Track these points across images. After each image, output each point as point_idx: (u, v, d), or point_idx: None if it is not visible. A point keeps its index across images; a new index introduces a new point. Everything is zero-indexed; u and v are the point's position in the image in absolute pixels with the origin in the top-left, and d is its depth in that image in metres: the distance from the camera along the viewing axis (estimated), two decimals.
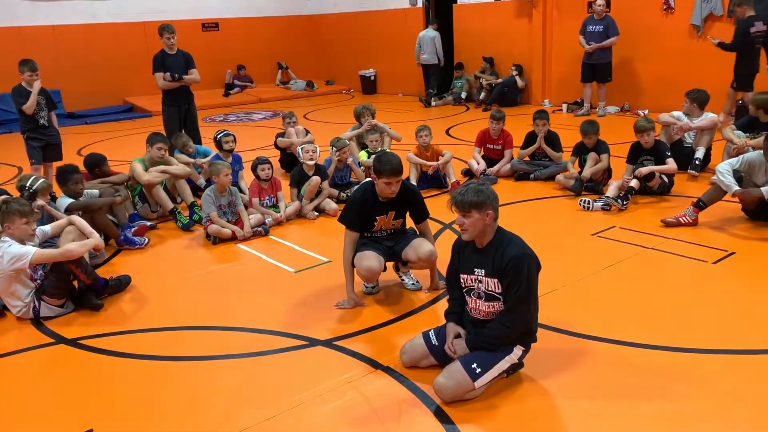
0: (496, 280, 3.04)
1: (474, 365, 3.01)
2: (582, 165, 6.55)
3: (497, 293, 3.06)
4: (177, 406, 3.17)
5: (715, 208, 5.35)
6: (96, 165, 6.09)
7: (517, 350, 3.10)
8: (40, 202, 4.97)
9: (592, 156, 6.41)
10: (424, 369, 3.30)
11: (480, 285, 3.10)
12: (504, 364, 3.07)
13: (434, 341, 3.26)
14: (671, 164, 5.99)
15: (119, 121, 13.40)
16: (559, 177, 6.65)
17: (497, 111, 7.27)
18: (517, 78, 12.33)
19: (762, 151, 5.12)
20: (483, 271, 3.08)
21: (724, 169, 5.10)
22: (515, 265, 2.96)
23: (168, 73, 7.62)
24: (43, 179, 5.24)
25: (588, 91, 10.99)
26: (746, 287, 4.22)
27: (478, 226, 3.01)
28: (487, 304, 3.10)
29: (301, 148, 6.28)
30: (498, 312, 3.09)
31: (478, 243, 3.10)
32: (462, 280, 3.19)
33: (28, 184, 5.05)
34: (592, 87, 10.93)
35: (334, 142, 6.58)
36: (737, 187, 5.02)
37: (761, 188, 4.96)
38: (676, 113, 6.95)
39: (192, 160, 6.87)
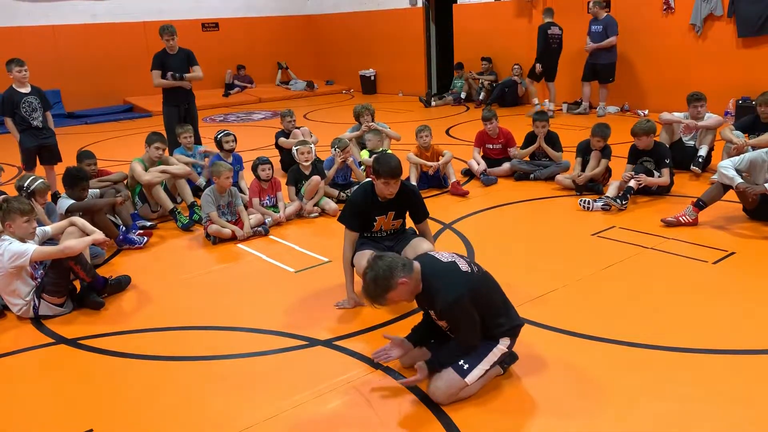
0: (443, 322, 3.11)
1: (461, 362, 3.02)
2: (585, 165, 6.51)
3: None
4: (177, 406, 3.17)
5: (715, 208, 5.35)
6: (79, 161, 6.06)
7: (504, 340, 3.11)
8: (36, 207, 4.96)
9: (595, 155, 6.39)
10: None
11: (440, 322, 3.16)
12: (492, 357, 3.07)
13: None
14: (665, 177, 6.02)
15: (119, 121, 13.41)
16: (559, 177, 6.65)
17: (487, 111, 7.23)
18: (517, 79, 12.31)
19: (763, 151, 5.12)
20: (432, 312, 3.14)
21: (726, 165, 5.11)
22: (449, 315, 3.02)
23: (169, 73, 7.62)
24: (41, 180, 5.24)
25: (587, 90, 10.99)
26: (746, 287, 4.22)
27: (403, 297, 3.03)
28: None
29: (296, 149, 6.28)
30: None
31: None
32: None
33: (26, 185, 5.06)
34: (593, 86, 10.94)
35: (336, 142, 6.58)
36: (740, 180, 5.02)
37: (765, 184, 4.97)
38: (677, 114, 6.96)
39: (192, 160, 6.88)
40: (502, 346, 3.10)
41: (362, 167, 6.85)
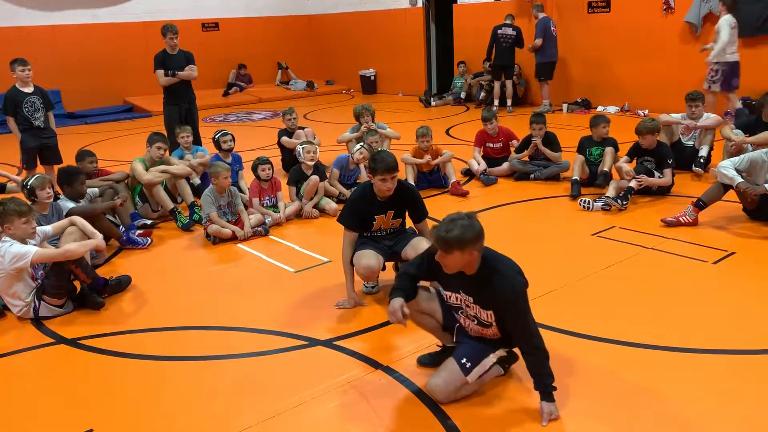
0: (490, 312, 2.96)
1: (464, 360, 3.02)
2: (592, 161, 6.53)
3: (490, 322, 3.00)
4: (177, 406, 3.17)
5: (715, 208, 5.35)
6: (80, 159, 6.06)
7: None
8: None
9: (609, 151, 6.37)
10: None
11: (469, 310, 3.04)
12: (492, 358, 3.07)
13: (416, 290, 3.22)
14: (666, 177, 6.02)
15: (119, 121, 13.40)
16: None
17: (487, 111, 7.23)
18: (516, 79, 12.31)
19: (763, 151, 5.12)
20: (471, 299, 2.99)
21: (726, 165, 5.11)
22: (512, 302, 2.86)
23: (170, 72, 7.63)
24: (39, 174, 5.25)
25: (545, 89, 11.46)
26: (746, 287, 4.22)
27: (458, 265, 2.86)
28: (479, 328, 3.08)
29: (302, 148, 6.29)
30: (492, 334, 3.06)
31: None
32: (445, 296, 3.13)
33: (26, 182, 5.07)
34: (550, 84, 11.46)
35: (364, 139, 6.77)
36: (740, 180, 5.02)
37: (765, 184, 4.96)
38: (675, 115, 6.96)
39: (187, 162, 6.86)
40: (501, 350, 3.10)
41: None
